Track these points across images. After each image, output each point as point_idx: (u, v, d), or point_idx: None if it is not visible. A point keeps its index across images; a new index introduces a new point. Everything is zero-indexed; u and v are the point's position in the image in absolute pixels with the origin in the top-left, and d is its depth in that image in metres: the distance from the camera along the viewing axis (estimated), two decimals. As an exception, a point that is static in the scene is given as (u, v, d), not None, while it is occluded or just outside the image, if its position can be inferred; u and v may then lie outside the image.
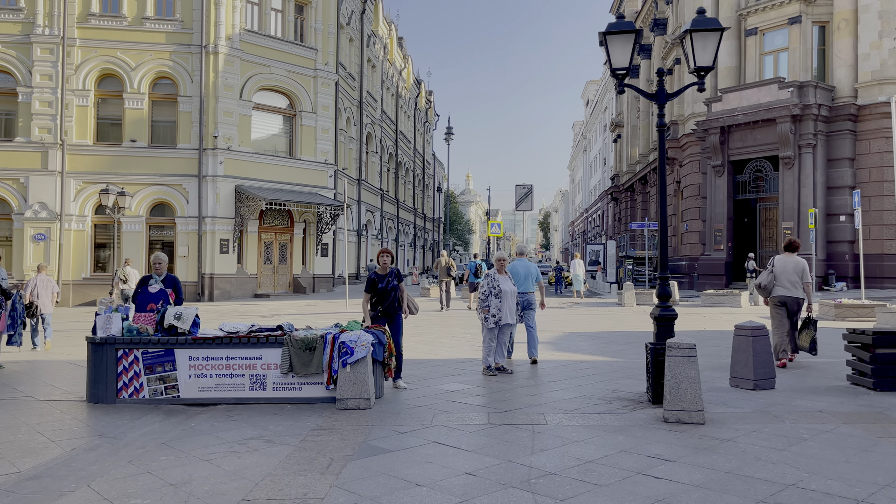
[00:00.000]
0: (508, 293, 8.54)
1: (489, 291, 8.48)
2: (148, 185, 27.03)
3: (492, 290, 8.48)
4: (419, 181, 61.13)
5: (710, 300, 17.78)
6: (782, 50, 28.71)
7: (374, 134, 40.70)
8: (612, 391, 7.30)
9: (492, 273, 8.70)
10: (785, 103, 26.06)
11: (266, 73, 28.75)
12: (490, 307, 8.47)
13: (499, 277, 8.56)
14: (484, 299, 8.44)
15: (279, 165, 29.19)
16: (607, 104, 65.85)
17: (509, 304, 8.50)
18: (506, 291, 8.51)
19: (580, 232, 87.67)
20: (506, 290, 8.53)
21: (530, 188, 15.68)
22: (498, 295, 8.46)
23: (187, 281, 26.92)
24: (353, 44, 36.34)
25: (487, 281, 8.58)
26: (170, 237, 27.67)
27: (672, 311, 6.73)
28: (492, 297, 8.49)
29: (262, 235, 28.94)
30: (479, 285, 8.62)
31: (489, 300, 8.47)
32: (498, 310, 8.46)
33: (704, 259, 29.61)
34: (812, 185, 26.25)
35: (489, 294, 8.48)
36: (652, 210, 40.53)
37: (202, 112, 26.98)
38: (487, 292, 8.48)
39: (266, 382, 6.48)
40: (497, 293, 8.44)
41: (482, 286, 8.54)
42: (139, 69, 27.01)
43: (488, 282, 8.56)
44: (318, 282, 30.44)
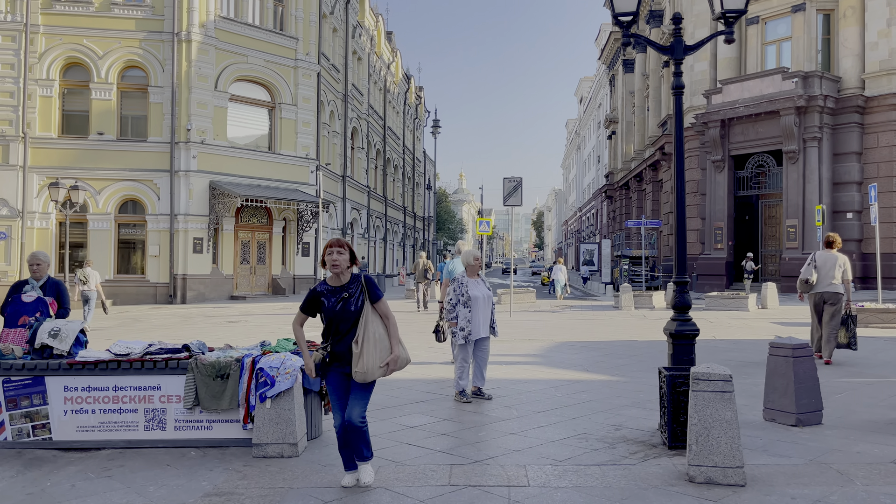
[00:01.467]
0: (480, 300, 7.08)
1: (456, 300, 7.07)
2: (116, 181, 25.50)
3: (459, 297, 7.08)
4: (409, 179, 59.62)
5: (714, 303, 16.46)
6: (785, 39, 27.38)
7: (360, 129, 39.21)
8: (616, 427, 5.78)
9: (460, 277, 7.24)
10: (789, 95, 24.72)
11: (243, 62, 27.25)
12: (458, 319, 7.05)
13: (468, 282, 7.12)
14: (451, 309, 7.07)
15: (257, 160, 27.69)
16: (601, 100, 64.53)
17: (482, 314, 7.07)
18: (476, 298, 7.06)
19: (574, 231, 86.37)
20: (476, 297, 7.08)
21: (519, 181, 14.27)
22: (467, 303, 7.03)
23: (158, 282, 25.45)
24: (338, 34, 34.85)
25: (454, 287, 7.16)
26: (140, 236, 26.15)
27: (693, 327, 5.30)
28: (459, 306, 7.07)
29: (239, 234, 27.43)
30: (445, 292, 7.17)
31: (456, 310, 7.07)
32: (468, 321, 7.00)
33: (704, 258, 28.26)
34: (818, 180, 24.92)
35: (456, 303, 7.08)
36: (648, 208, 39.18)
37: (174, 103, 25.46)
38: (454, 301, 7.08)
39: (166, 420, 4.94)
40: (466, 301, 7.02)
41: (448, 293, 7.20)
42: (107, 58, 25.48)
43: (454, 287, 7.14)
44: (300, 283, 28.95)
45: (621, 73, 49.86)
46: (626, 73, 48.75)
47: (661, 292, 18.64)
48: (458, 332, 6.98)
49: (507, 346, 10.55)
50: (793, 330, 12.69)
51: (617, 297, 17.72)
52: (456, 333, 7.01)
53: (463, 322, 6.98)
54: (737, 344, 10.72)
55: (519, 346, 10.63)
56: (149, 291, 25.51)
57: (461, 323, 6.99)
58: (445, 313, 7.12)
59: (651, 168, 38.32)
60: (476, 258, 7.24)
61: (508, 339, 11.59)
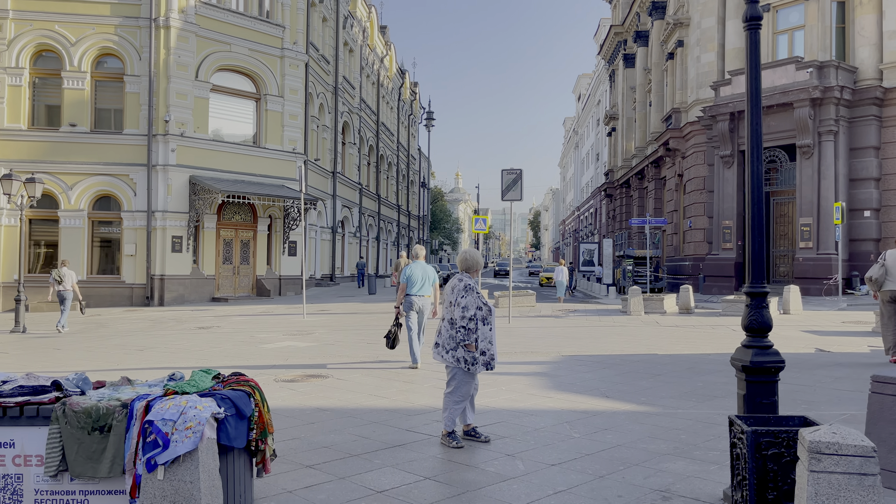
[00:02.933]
0: (493, 312, 5.56)
1: (474, 315, 5.30)
2: (90, 175, 23.99)
3: (478, 310, 5.35)
4: (403, 176, 58.16)
5: (732, 308, 15.08)
6: (798, 28, 25.99)
7: (351, 123, 37.73)
8: (664, 495, 4.10)
9: (471, 283, 5.50)
10: (803, 85, 23.33)
11: (226, 51, 25.75)
12: (479, 341, 5.33)
13: (475, 286, 5.51)
14: (472, 330, 5.29)
15: (241, 154, 26.20)
16: (600, 97, 63.17)
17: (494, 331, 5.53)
18: (493, 310, 5.57)
19: (572, 231, 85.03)
20: (493, 309, 5.58)
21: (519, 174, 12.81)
22: (487, 319, 5.38)
23: (135, 283, 23.97)
24: (328, 24, 33.38)
25: (472, 296, 5.36)
26: (115, 234, 24.64)
27: (777, 358, 3.82)
28: (478, 322, 5.35)
29: (221, 232, 25.94)
30: (455, 300, 5.41)
31: (478, 329, 5.34)
32: (490, 343, 5.38)
33: (711, 259, 26.86)
34: (833, 176, 23.54)
35: (476, 318, 5.32)
36: (650, 206, 37.80)
37: (152, 93, 23.96)
38: (472, 316, 5.30)
39: (23, 491, 3.42)
40: (486, 315, 5.38)
41: (463, 303, 5.33)
42: (80, 45, 23.97)
43: (472, 299, 5.34)
44: (286, 284, 27.47)
45: (622, 68, 48.49)
46: (626, 68, 47.40)
47: (673, 296, 17.23)
48: (479, 358, 5.28)
49: (506, 360, 9.12)
50: (832, 340, 11.28)
51: (625, 300, 16.31)
52: (476, 360, 5.26)
53: (484, 344, 5.30)
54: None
55: (521, 361, 9.17)
56: (124, 293, 24.02)
57: (482, 345, 5.29)
58: (460, 333, 5.35)
59: (653, 165, 36.94)
60: (475, 261, 5.72)
61: (509, 351, 10.15)
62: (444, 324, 5.54)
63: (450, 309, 5.47)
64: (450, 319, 5.48)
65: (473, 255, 5.73)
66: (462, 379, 5.40)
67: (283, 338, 12.72)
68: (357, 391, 7.30)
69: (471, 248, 5.82)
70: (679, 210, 31.88)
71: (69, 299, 15.89)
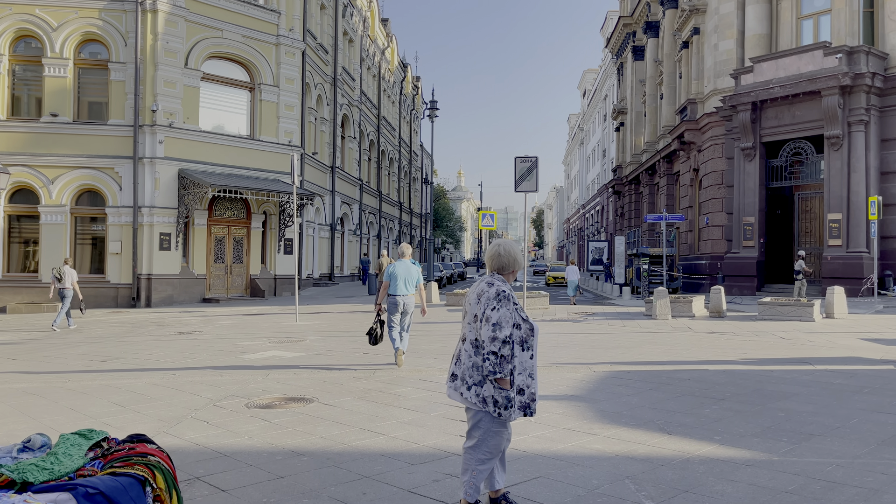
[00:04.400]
0: (536, 331, 3.88)
1: (510, 336, 3.67)
2: (73, 168, 22.57)
3: (517, 327, 3.76)
4: (405, 173, 56.69)
5: (770, 311, 13.61)
6: (824, 12, 24.51)
7: (351, 116, 36.27)
8: None
9: (500, 286, 3.82)
10: (832, 72, 21.85)
11: (218, 37, 24.30)
12: (514, 373, 3.72)
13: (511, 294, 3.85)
14: (506, 358, 3.63)
15: (233, 147, 24.76)
16: (607, 92, 61.65)
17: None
18: (535, 329, 3.86)
19: (577, 229, 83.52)
20: (535, 328, 3.86)
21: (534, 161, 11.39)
22: (527, 342, 3.77)
23: (120, 283, 22.56)
24: (326, 12, 31.92)
25: (507, 307, 3.71)
26: (100, 231, 23.22)
27: None
28: (514, 346, 3.74)
29: (213, 229, 24.50)
30: (483, 314, 3.72)
31: (514, 356, 3.73)
32: (530, 378, 3.76)
33: (731, 258, 25.38)
34: (864, 169, 22.07)
35: (512, 341, 3.71)
36: (661, 202, 36.33)
37: (138, 81, 22.53)
38: (507, 338, 3.64)
39: None
40: (525, 337, 3.76)
41: (495, 317, 3.65)
42: (62, 30, 22.55)
43: (509, 311, 3.72)
44: (281, 284, 26.03)
45: (630, 60, 47.00)
46: (635, 60, 45.91)
47: (701, 297, 15.77)
48: (515, 399, 3.66)
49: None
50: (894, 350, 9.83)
51: (649, 303, 14.84)
52: (511, 402, 3.66)
53: (523, 379, 3.68)
54: (854, 376, 7.62)
55: (548, 379, 7.61)
56: (109, 294, 22.61)
57: (519, 380, 3.68)
58: (493, 360, 3.60)
59: (665, 160, 35.46)
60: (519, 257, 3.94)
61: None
62: (463, 346, 3.85)
63: (474, 326, 3.76)
64: (473, 341, 3.77)
65: (510, 249, 3.91)
66: (490, 428, 3.69)
67: (270, 346, 11.28)
68: (347, 423, 5.80)
69: (505, 239, 4.06)
70: (694, 206, 30.39)
71: (69, 297, 15.79)
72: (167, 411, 6.26)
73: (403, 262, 9.02)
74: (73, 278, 16.02)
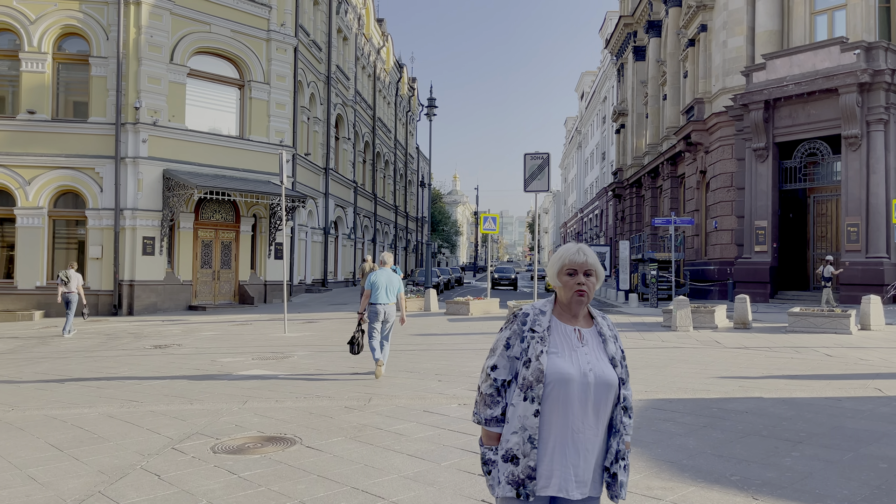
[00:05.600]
0: (576, 385, 2.40)
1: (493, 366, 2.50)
2: (51, 169, 21.37)
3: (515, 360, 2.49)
4: (401, 176, 55.55)
5: (801, 323, 12.49)
6: (839, 7, 23.50)
7: (345, 117, 35.12)
8: None
9: (531, 311, 2.55)
10: (850, 69, 20.82)
11: (205, 31, 23.15)
12: (506, 435, 2.45)
13: (555, 326, 2.51)
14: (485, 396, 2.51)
15: (222, 147, 23.59)
16: (606, 94, 60.67)
17: (579, 430, 2.41)
18: (568, 380, 2.40)
19: (574, 233, 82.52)
20: (568, 377, 2.41)
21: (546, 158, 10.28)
22: (532, 390, 2.41)
23: (100, 290, 21.33)
24: (319, 8, 30.80)
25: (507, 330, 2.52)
26: (79, 234, 22.01)
27: None
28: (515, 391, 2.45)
29: (200, 233, 23.30)
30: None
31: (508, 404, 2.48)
32: (530, 443, 2.40)
33: (743, 263, 24.29)
34: (884, 170, 21.03)
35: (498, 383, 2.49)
36: (665, 206, 35.26)
37: (120, 77, 21.36)
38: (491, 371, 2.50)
39: None
40: (534, 382, 2.41)
41: (493, 344, 2.56)
42: (40, 22, 21.37)
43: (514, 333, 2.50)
44: (272, 290, 24.82)
45: (631, 61, 46.02)
46: (636, 61, 44.92)
47: (723, 306, 14.66)
48: (503, 467, 2.43)
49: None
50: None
51: (668, 313, 13.71)
52: (483, 468, 2.53)
53: (518, 442, 2.41)
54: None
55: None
56: (89, 301, 21.21)
57: (512, 442, 2.42)
58: (480, 402, 2.51)
59: (669, 162, 34.40)
60: (578, 262, 2.53)
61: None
62: None
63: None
64: None
65: (567, 253, 2.59)
66: (501, 497, 2.47)
67: (252, 363, 10.10)
68: (335, 478, 4.48)
69: (567, 247, 2.68)
70: (701, 209, 29.31)
71: (74, 302, 15.56)
72: (113, 458, 5.08)
73: (385, 271, 9.06)
74: (78, 282, 15.72)
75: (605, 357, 2.52)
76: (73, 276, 15.72)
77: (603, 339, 2.58)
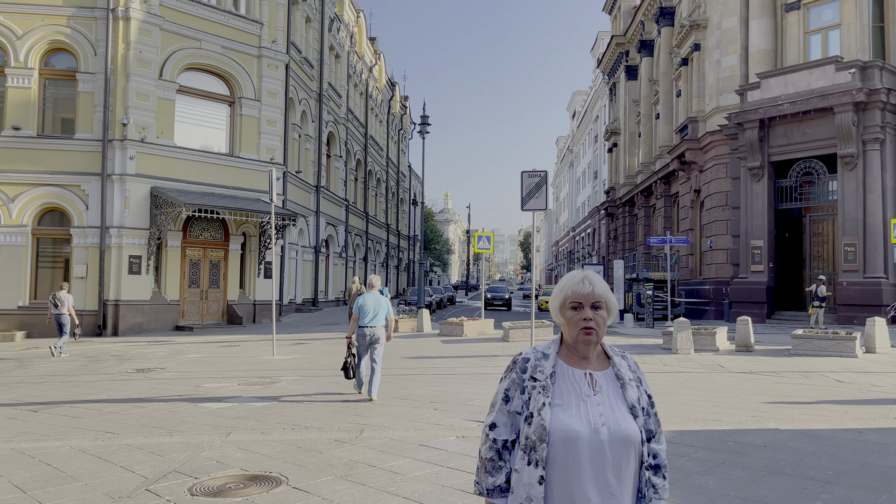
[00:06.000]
0: (584, 450, 1.99)
1: (492, 424, 2.13)
2: (35, 186, 20.92)
3: (516, 415, 2.11)
4: (393, 194, 55.26)
5: (805, 346, 12.15)
6: (833, 27, 23.49)
7: (337, 134, 34.84)
8: None
9: (530, 350, 2.21)
10: (845, 88, 20.74)
11: (195, 48, 22.85)
12: (506, 496, 2.07)
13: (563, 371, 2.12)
14: (486, 462, 2.13)
15: (211, 164, 23.20)
16: (598, 113, 60.79)
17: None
18: (575, 435, 2.00)
19: (566, 252, 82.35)
20: (574, 436, 2.00)
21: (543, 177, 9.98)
22: (534, 449, 2.02)
23: (84, 310, 20.77)
24: (312, 26, 30.62)
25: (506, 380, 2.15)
26: (64, 253, 21.51)
27: None
28: (519, 456, 2.06)
29: (188, 251, 22.84)
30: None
31: (512, 469, 2.07)
32: None
33: (739, 283, 24.03)
34: (880, 189, 20.89)
35: (497, 443, 2.11)
36: (658, 225, 35.08)
37: (108, 93, 21.00)
38: (489, 430, 2.14)
39: None
40: (534, 443, 2.03)
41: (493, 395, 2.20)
42: (27, 38, 21.02)
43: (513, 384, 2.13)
44: (261, 310, 24.34)
45: (623, 80, 46.09)
46: (629, 80, 44.98)
47: (723, 328, 14.32)
48: None
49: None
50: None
51: (667, 335, 13.36)
52: None
53: None
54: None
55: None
56: (72, 321, 20.80)
57: None
58: (480, 469, 2.11)
59: (663, 181, 34.27)
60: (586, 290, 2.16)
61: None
62: None
63: None
64: None
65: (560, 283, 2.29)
66: None
67: (238, 389, 9.65)
68: None
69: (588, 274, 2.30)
70: (696, 228, 29.11)
71: (67, 324, 15.61)
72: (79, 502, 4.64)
73: (373, 294, 8.96)
74: (70, 304, 15.71)
75: (623, 406, 2.12)
76: (65, 297, 15.67)
77: (621, 383, 2.16)
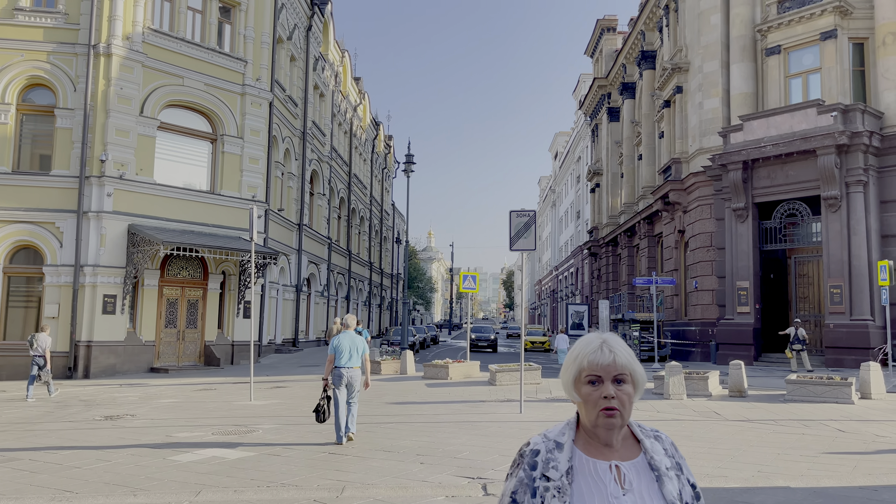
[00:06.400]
0: None
1: None
2: (8, 223, 20.33)
3: None
4: (376, 232, 54.98)
5: (800, 392, 11.82)
6: (813, 71, 23.82)
7: (321, 173, 34.62)
8: None
9: (539, 437, 1.83)
10: (828, 131, 20.91)
11: (178, 85, 22.61)
12: None
13: (567, 462, 1.75)
14: None
15: (192, 201, 22.77)
16: (581, 153, 61.32)
17: None
18: None
19: (549, 291, 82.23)
20: None
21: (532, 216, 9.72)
22: None
23: (56, 351, 19.94)
24: (296, 64, 30.60)
25: (513, 479, 1.78)
26: (36, 292, 20.83)
27: None
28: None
29: (165, 291, 22.24)
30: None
31: None
32: None
33: (725, 324, 23.83)
34: (864, 231, 20.93)
35: None
36: (642, 265, 35.01)
37: (87, 129, 20.61)
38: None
39: None
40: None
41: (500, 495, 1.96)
42: (5, 73, 20.68)
43: (520, 483, 1.75)
44: (239, 351, 23.68)
45: (605, 122, 46.61)
46: (611, 122, 45.49)
47: (715, 372, 14.03)
48: None
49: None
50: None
51: (659, 380, 12.98)
52: None
53: None
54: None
55: None
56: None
57: None
58: None
59: (646, 221, 34.33)
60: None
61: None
62: None
63: None
64: None
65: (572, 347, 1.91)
66: None
67: (211, 439, 9.10)
68: None
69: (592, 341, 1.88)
70: (680, 269, 29.03)
71: (47, 366, 15.39)
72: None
73: (348, 334, 8.79)
74: (46, 345, 15.39)
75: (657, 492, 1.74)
76: (43, 338, 15.39)
77: (657, 475, 1.78)
